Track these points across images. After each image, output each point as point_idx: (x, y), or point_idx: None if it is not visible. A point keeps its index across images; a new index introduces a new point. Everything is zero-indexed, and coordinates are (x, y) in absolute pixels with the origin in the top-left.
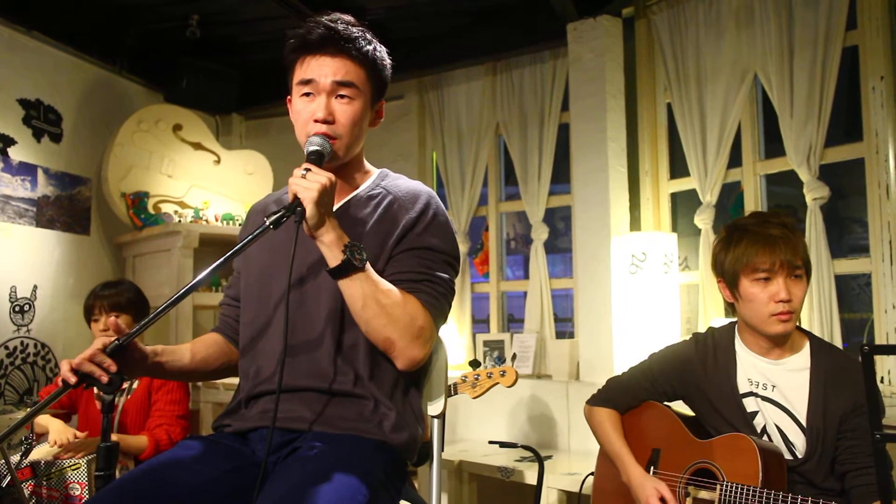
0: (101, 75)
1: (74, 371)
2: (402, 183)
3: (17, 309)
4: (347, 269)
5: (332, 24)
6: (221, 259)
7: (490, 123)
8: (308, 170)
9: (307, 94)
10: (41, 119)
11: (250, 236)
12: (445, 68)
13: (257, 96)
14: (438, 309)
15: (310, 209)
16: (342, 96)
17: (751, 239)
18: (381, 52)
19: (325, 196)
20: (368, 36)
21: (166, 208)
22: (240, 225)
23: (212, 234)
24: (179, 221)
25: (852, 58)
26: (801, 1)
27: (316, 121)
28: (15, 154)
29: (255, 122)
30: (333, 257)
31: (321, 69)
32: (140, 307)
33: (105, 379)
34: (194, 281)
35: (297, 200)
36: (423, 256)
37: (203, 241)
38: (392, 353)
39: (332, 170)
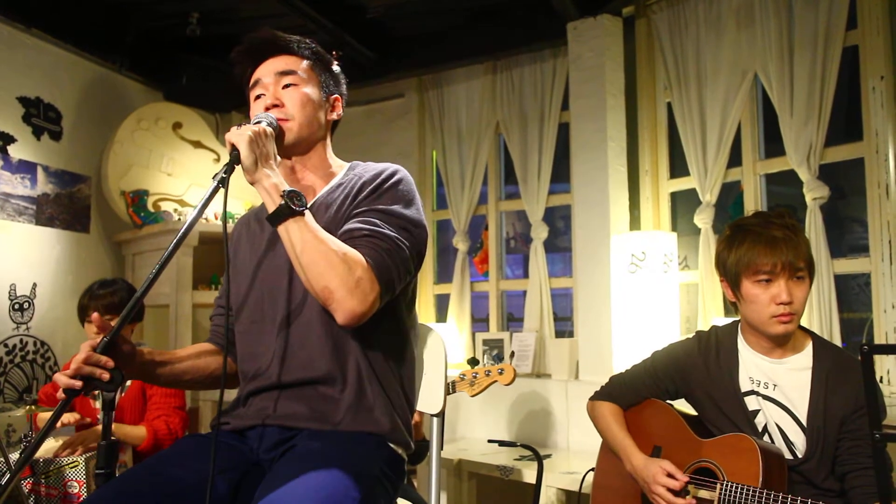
0: (100, 73)
1: (73, 378)
2: (370, 166)
3: (16, 307)
4: (285, 213)
5: (267, 32)
6: (177, 237)
7: (490, 122)
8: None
9: (260, 97)
10: (41, 117)
11: (203, 199)
12: (445, 67)
13: None
14: (380, 263)
15: (244, 150)
16: (288, 85)
17: (753, 240)
18: (322, 51)
19: (259, 139)
20: (307, 40)
21: (166, 206)
22: None
23: (211, 233)
24: (179, 219)
25: (852, 57)
26: (801, 0)
27: (266, 109)
28: (14, 152)
29: None
30: (272, 202)
31: (265, 69)
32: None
33: (106, 377)
34: (158, 265)
35: (232, 147)
36: (372, 216)
37: (203, 240)
38: (330, 305)
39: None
